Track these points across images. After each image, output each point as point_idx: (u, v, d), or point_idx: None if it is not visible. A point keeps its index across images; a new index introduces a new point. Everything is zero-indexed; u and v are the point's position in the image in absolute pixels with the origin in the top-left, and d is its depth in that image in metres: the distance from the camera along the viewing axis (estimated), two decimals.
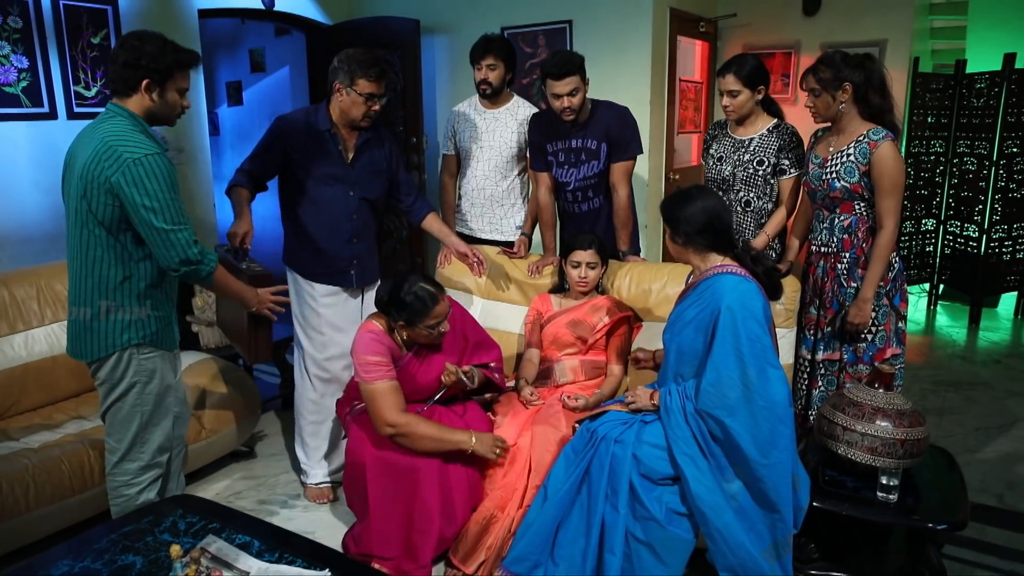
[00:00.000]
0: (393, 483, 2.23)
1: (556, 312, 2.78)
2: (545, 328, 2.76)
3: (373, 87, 2.53)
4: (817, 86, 2.43)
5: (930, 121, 5.06)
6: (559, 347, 2.72)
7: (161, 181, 1.92)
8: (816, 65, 2.45)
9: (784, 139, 2.75)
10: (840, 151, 2.46)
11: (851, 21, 4.85)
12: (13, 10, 3.58)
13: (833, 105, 2.44)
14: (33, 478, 2.31)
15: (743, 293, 2.01)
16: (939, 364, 4.32)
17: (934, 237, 5.34)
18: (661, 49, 4.45)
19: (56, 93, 3.76)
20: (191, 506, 1.91)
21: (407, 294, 2.28)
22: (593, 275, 2.70)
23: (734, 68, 2.73)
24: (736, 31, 5.23)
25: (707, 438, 1.98)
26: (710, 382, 1.98)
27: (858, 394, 2.16)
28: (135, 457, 2.12)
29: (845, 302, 2.50)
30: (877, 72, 2.42)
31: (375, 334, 2.33)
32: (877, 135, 2.38)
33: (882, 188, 2.38)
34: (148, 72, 1.98)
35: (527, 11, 4.68)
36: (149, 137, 2.00)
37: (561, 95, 2.80)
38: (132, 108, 2.01)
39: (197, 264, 1.99)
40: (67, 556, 1.69)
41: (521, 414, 2.48)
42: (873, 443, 2.05)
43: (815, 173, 2.53)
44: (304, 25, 5.34)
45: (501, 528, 2.21)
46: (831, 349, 2.57)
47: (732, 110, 2.75)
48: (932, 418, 3.50)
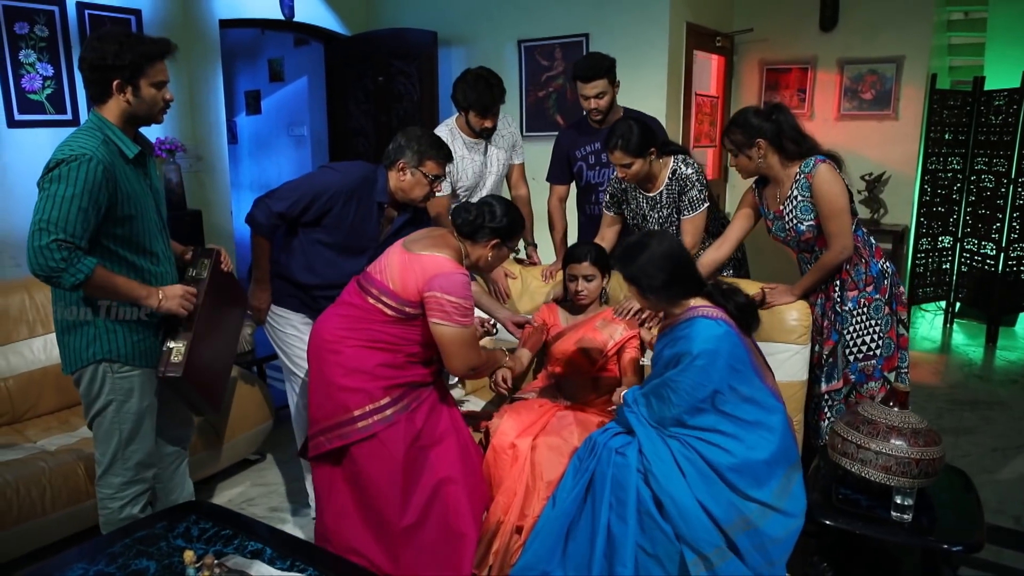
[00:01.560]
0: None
1: (564, 329, 2.71)
2: (553, 345, 2.71)
3: (441, 170, 2.50)
4: (733, 148, 2.44)
5: (947, 138, 5.04)
6: (568, 368, 2.67)
7: (72, 184, 1.78)
8: (728, 127, 2.46)
9: (681, 183, 2.73)
10: (787, 198, 2.45)
11: (868, 37, 4.84)
12: (40, 19, 3.65)
13: (752, 162, 2.44)
14: (49, 481, 2.33)
15: (717, 340, 2.00)
16: (955, 383, 4.27)
17: (951, 255, 5.30)
18: (677, 63, 4.47)
19: (79, 100, 3.83)
20: (205, 512, 1.92)
21: (507, 213, 2.19)
22: (592, 287, 2.62)
23: (620, 143, 2.60)
24: (752, 46, 5.24)
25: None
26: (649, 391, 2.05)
27: (872, 412, 2.14)
28: (117, 472, 2.08)
29: (843, 330, 2.49)
30: (788, 121, 2.39)
31: (465, 273, 2.14)
32: (808, 166, 2.37)
33: (823, 213, 2.36)
34: (114, 72, 1.88)
35: (544, 24, 4.71)
36: (98, 142, 1.87)
37: (589, 97, 2.93)
38: (108, 115, 1.93)
39: (59, 272, 1.78)
40: (82, 560, 1.71)
41: (522, 414, 2.44)
42: (887, 462, 2.03)
43: (777, 226, 2.52)
44: (323, 36, 5.41)
45: (504, 533, 2.21)
46: (834, 379, 2.56)
47: (630, 177, 2.70)
48: (948, 437, 3.47)
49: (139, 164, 2.01)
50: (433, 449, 2.18)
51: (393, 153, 2.47)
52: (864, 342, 2.48)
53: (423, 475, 2.14)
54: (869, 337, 2.48)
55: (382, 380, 2.10)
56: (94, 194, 1.81)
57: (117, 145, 1.92)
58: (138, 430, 2.07)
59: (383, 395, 2.10)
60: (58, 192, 1.78)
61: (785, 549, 1.98)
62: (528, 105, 4.91)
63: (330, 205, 2.42)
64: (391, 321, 2.11)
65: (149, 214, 2.03)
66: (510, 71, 4.90)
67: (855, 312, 2.47)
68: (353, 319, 2.13)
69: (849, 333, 2.48)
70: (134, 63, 1.89)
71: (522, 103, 4.93)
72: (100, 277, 1.85)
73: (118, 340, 1.99)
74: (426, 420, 2.18)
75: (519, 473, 2.27)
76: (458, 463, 2.19)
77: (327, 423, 2.11)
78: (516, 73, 4.88)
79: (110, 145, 1.91)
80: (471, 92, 2.92)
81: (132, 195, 1.94)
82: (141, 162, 2.02)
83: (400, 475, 2.09)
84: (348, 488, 2.15)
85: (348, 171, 2.50)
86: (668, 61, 4.35)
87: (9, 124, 3.59)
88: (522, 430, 2.35)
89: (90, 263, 1.82)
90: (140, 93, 1.93)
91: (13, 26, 3.56)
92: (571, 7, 4.59)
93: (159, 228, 2.09)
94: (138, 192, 1.98)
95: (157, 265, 2.06)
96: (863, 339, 2.48)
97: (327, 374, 2.12)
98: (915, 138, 4.90)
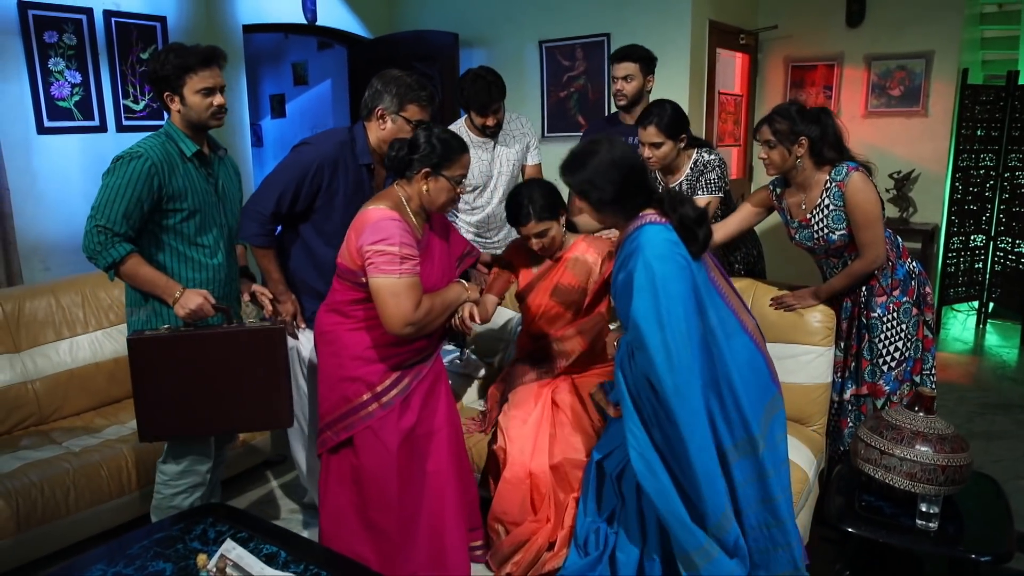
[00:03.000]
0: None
1: (535, 278, 2.42)
2: (527, 300, 2.44)
3: (424, 113, 2.25)
4: (772, 138, 2.33)
5: (980, 134, 4.91)
6: (549, 322, 2.41)
7: (121, 177, 2.00)
8: (771, 116, 2.35)
9: (698, 170, 2.74)
10: (816, 206, 2.37)
11: (896, 32, 4.74)
12: (68, 28, 3.72)
13: (788, 159, 2.35)
14: (73, 482, 2.38)
15: (660, 245, 1.77)
16: (988, 386, 4.16)
17: (984, 253, 5.17)
18: (700, 61, 4.41)
19: (106, 107, 3.90)
20: (222, 515, 1.94)
21: (433, 140, 1.98)
22: (549, 240, 2.30)
23: (655, 119, 2.62)
24: (777, 43, 5.16)
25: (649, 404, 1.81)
26: (632, 340, 1.79)
27: (897, 417, 2.09)
28: (173, 459, 2.17)
29: (872, 338, 2.43)
30: (833, 126, 2.32)
31: (399, 220, 1.94)
32: (840, 174, 2.31)
33: (856, 223, 2.30)
34: (162, 83, 2.09)
35: (565, 25, 4.69)
36: (158, 143, 2.08)
37: (617, 78, 3.05)
38: (174, 120, 2.14)
39: (96, 254, 2.02)
40: (101, 561, 1.73)
41: (522, 418, 2.28)
42: (912, 468, 1.98)
43: (804, 235, 2.44)
44: (345, 39, 5.44)
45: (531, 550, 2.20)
46: (857, 385, 2.51)
47: (655, 161, 2.69)
48: (979, 442, 3.38)
49: (202, 163, 2.19)
50: (427, 444, 2.15)
51: (370, 101, 2.23)
52: (896, 347, 2.42)
53: (416, 476, 2.12)
54: (900, 341, 2.42)
55: (379, 363, 2.06)
56: (138, 188, 2.01)
57: (177, 145, 2.12)
58: None
59: (382, 378, 2.06)
60: (109, 183, 2.02)
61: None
62: (550, 105, 4.89)
63: (316, 183, 2.23)
64: (362, 299, 2.02)
65: (208, 209, 2.19)
66: (531, 72, 4.89)
67: (884, 318, 2.41)
68: (339, 303, 2.09)
69: (880, 340, 2.42)
70: (175, 74, 2.07)
71: (543, 104, 4.91)
72: (130, 266, 2.05)
73: (164, 322, 2.13)
74: (422, 409, 2.13)
75: (543, 501, 2.21)
76: (452, 463, 2.18)
77: (331, 416, 2.11)
78: (538, 74, 4.87)
79: (170, 145, 2.11)
80: (470, 90, 2.95)
81: (187, 190, 2.12)
82: (204, 161, 2.20)
83: (395, 468, 2.06)
84: (347, 488, 2.14)
85: (322, 140, 2.28)
86: (690, 59, 4.30)
87: (39, 131, 3.66)
88: (532, 448, 2.23)
89: (122, 250, 2.02)
90: (186, 101, 2.09)
91: (43, 35, 3.62)
92: (592, 7, 4.56)
93: (219, 223, 2.24)
94: (197, 188, 2.15)
95: (212, 258, 2.21)
96: (895, 344, 2.42)
97: (326, 366, 2.12)
98: (945, 135, 4.78)
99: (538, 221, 2.26)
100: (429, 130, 2.01)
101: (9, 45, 3.53)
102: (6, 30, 3.51)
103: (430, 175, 2.00)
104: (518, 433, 2.26)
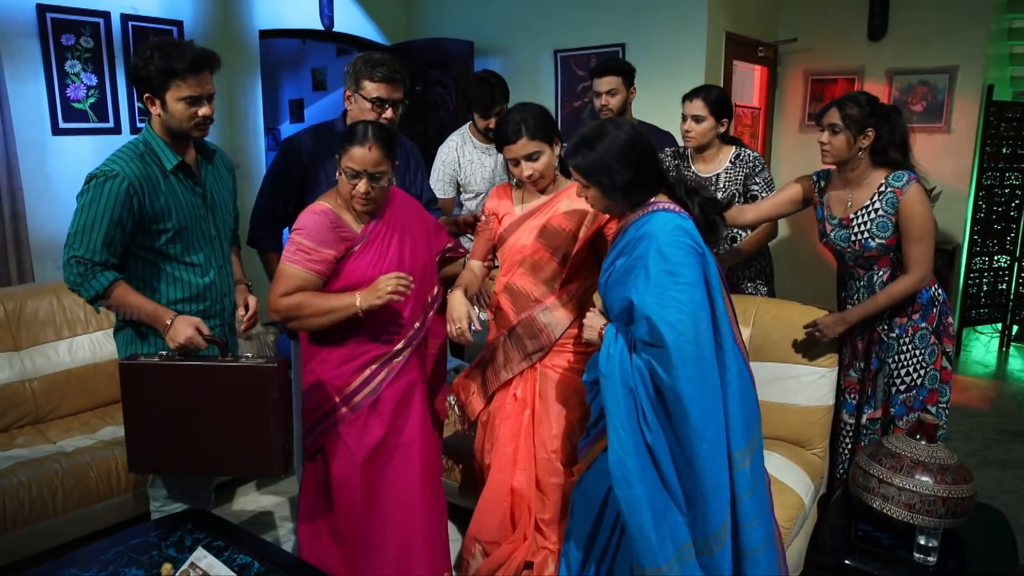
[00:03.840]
0: None
1: (519, 217, 2.10)
2: (508, 241, 2.10)
3: (381, 89, 2.19)
4: (840, 123, 2.22)
5: (1005, 152, 4.79)
6: (531, 270, 2.07)
7: (97, 200, 1.83)
8: (843, 100, 2.25)
9: (749, 166, 2.71)
10: (863, 207, 2.27)
11: (920, 46, 4.64)
12: (85, 31, 3.77)
13: (851, 148, 2.23)
14: (62, 482, 2.38)
15: (674, 232, 1.67)
16: (1007, 411, 4.03)
17: (1008, 274, 5.02)
18: (715, 73, 4.35)
19: (121, 109, 3.94)
20: (201, 522, 1.92)
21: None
22: (540, 165, 2.02)
23: (702, 94, 2.69)
24: (797, 56, 5.08)
25: (648, 401, 1.66)
26: (644, 334, 1.64)
27: (898, 445, 2.01)
28: (161, 483, 2.06)
29: (886, 358, 2.33)
30: (902, 128, 2.24)
31: (321, 213, 1.93)
32: (899, 180, 2.21)
33: (911, 235, 2.20)
34: (143, 84, 1.88)
35: (580, 34, 4.66)
36: (132, 158, 1.89)
37: (601, 93, 2.95)
38: (154, 126, 1.94)
39: (77, 287, 1.86)
40: (74, 565, 1.72)
41: (504, 435, 2.12)
42: (911, 499, 1.91)
43: (839, 235, 2.33)
44: (363, 45, 5.46)
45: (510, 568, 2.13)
46: (874, 407, 2.40)
47: (693, 136, 2.70)
48: (994, 471, 3.26)
49: (187, 175, 2.00)
50: (398, 458, 2.04)
51: (344, 85, 2.28)
52: (908, 373, 2.32)
53: (386, 497, 2.04)
54: (913, 368, 2.32)
55: (344, 364, 2.00)
56: (116, 211, 1.84)
57: (157, 157, 1.93)
58: None
59: (349, 380, 2.00)
60: (84, 207, 1.85)
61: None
62: (564, 115, 4.85)
63: (302, 167, 2.26)
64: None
65: (195, 224, 2.01)
66: (546, 81, 4.86)
67: (901, 340, 2.31)
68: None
69: (894, 362, 2.33)
70: (158, 77, 1.85)
71: (557, 113, 4.88)
72: (115, 296, 1.89)
73: (147, 346, 2.00)
74: (393, 418, 2.03)
75: (523, 517, 2.13)
76: (424, 490, 2.08)
77: (308, 423, 2.07)
78: (552, 83, 4.84)
79: (148, 159, 1.91)
80: (473, 92, 2.99)
81: (170, 208, 1.94)
82: (188, 172, 2.00)
83: (359, 481, 1.99)
84: (321, 497, 2.09)
85: (303, 132, 2.35)
86: (706, 71, 4.24)
87: (54, 132, 3.71)
88: (514, 463, 2.11)
89: (104, 280, 1.86)
90: (168, 108, 1.88)
91: (60, 37, 3.67)
92: (607, 17, 4.53)
93: (209, 238, 2.06)
94: (181, 203, 1.97)
95: (203, 276, 2.04)
96: (906, 369, 2.32)
97: (303, 372, 2.09)
98: (969, 152, 4.66)
99: (531, 139, 2.00)
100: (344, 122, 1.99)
101: (26, 47, 3.58)
102: (24, 32, 3.56)
103: (337, 167, 1.96)
104: (502, 450, 2.15)
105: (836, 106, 2.25)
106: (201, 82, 1.89)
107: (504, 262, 2.14)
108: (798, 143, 5.16)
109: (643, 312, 1.63)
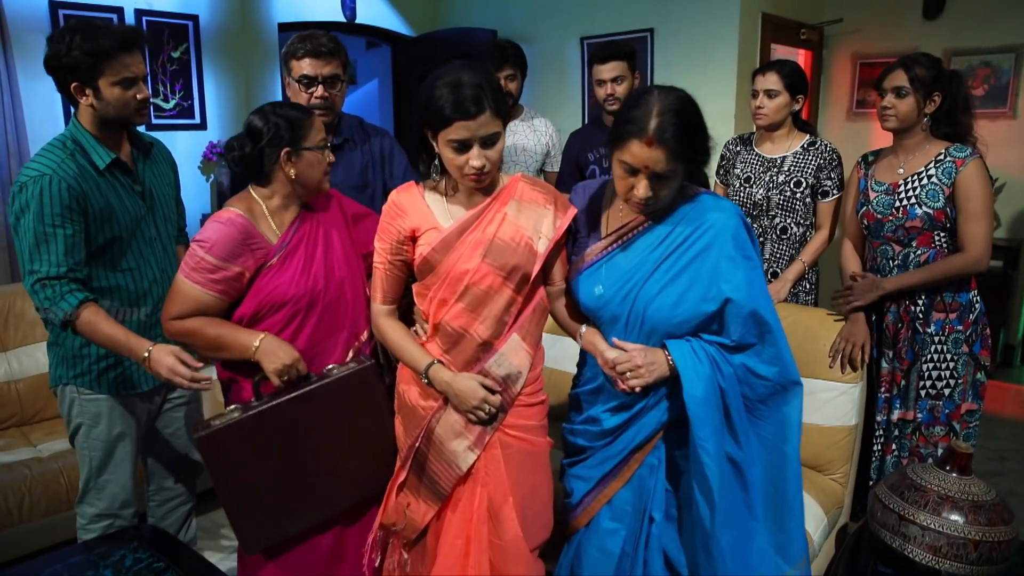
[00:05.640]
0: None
1: (452, 232, 1.53)
2: (436, 270, 1.54)
3: (304, 65, 2.03)
4: (908, 85, 2.07)
5: None
6: (475, 306, 1.52)
7: (29, 213, 1.64)
8: (909, 61, 2.08)
9: (824, 157, 2.43)
10: (916, 173, 2.11)
11: (980, 25, 4.25)
12: None
13: (916, 111, 2.09)
14: (29, 489, 2.31)
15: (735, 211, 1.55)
16: None
17: None
18: (751, 58, 4.07)
19: None
20: (146, 541, 1.81)
21: (272, 119, 1.64)
22: (497, 154, 1.48)
23: (776, 67, 2.46)
24: (844, 38, 4.73)
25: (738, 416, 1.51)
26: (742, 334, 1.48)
27: (923, 475, 1.76)
28: (91, 501, 1.92)
29: (921, 351, 2.14)
30: (966, 95, 2.12)
31: (227, 222, 1.63)
32: (962, 152, 2.05)
33: (970, 211, 2.03)
34: (68, 72, 1.68)
35: (607, 20, 4.44)
36: (62, 158, 1.70)
37: (605, 81, 2.73)
38: (82, 120, 1.76)
39: (46, 313, 1.66)
40: None
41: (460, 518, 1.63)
42: (937, 540, 1.65)
43: (883, 201, 2.17)
44: (388, 37, 5.35)
45: None
46: (906, 407, 2.19)
47: (765, 113, 2.45)
48: None
49: (123, 172, 1.83)
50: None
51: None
52: (940, 376, 2.13)
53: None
54: (941, 373, 2.13)
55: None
56: (62, 212, 1.67)
57: (88, 157, 1.75)
58: (109, 459, 1.90)
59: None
60: (24, 225, 1.66)
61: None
62: (590, 105, 4.65)
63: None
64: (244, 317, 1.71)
65: (134, 226, 1.85)
66: (572, 69, 4.67)
67: (936, 338, 2.12)
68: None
69: (926, 360, 2.14)
70: (87, 62, 1.66)
71: (584, 102, 4.68)
72: (85, 319, 1.67)
73: (85, 364, 1.85)
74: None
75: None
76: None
77: None
78: (579, 71, 4.64)
79: (80, 158, 1.74)
80: (490, 54, 2.94)
81: (108, 211, 1.77)
82: (125, 170, 1.84)
83: None
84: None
85: None
86: (739, 55, 3.96)
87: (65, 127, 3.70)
88: (464, 559, 1.60)
89: (73, 300, 1.66)
90: (102, 95, 1.71)
91: None
92: (635, 1, 4.30)
93: (149, 239, 1.89)
94: (115, 206, 1.79)
95: (138, 282, 1.87)
96: (938, 373, 2.13)
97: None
98: None
99: (494, 114, 1.44)
100: (261, 111, 1.69)
101: (40, 44, 3.52)
102: (37, 29, 3.55)
103: (292, 154, 1.66)
104: (451, 544, 1.62)
105: (902, 67, 2.10)
106: (135, 61, 1.73)
107: (433, 297, 1.56)
108: (846, 132, 4.80)
109: (748, 307, 1.48)
